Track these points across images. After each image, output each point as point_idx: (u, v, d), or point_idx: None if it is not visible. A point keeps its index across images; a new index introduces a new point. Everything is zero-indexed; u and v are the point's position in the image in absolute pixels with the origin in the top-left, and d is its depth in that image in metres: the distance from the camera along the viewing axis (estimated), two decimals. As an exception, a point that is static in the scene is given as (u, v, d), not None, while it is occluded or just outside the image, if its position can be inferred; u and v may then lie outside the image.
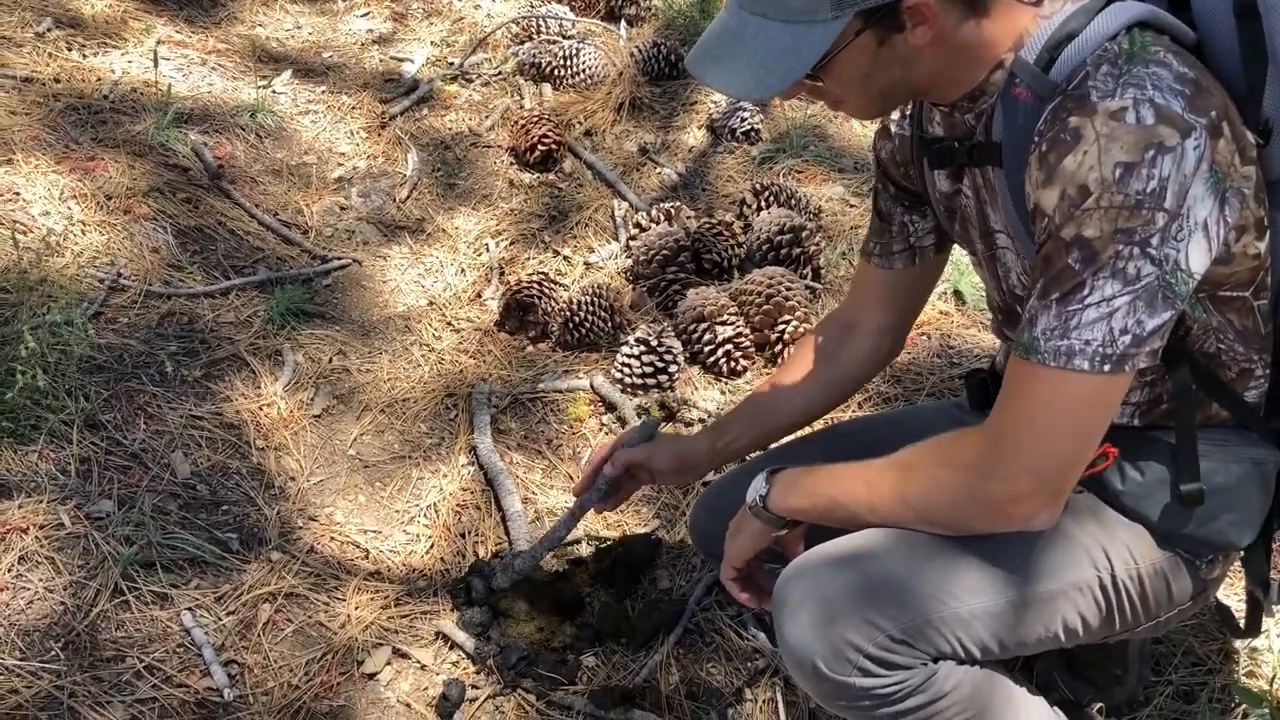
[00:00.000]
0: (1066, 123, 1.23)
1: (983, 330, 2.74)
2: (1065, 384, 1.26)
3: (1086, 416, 1.29)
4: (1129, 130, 1.20)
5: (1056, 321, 1.25)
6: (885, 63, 1.31)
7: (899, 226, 1.68)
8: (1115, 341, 1.23)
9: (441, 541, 2.24)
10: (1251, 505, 1.46)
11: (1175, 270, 1.23)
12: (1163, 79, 1.22)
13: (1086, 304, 1.23)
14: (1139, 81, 1.22)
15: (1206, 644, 1.98)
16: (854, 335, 1.78)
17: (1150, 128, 1.20)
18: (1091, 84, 1.24)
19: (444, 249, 3.10)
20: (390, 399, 2.58)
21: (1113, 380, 1.26)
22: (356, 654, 1.99)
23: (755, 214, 3.01)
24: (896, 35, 1.29)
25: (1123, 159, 1.19)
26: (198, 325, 2.64)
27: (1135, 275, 1.22)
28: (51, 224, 2.74)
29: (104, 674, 1.88)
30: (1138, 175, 1.19)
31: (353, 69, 3.80)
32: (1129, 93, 1.21)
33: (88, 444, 2.24)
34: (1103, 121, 1.21)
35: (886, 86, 1.35)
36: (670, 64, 3.68)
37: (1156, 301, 1.23)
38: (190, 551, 2.09)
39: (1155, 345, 1.26)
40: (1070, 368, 1.25)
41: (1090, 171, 1.21)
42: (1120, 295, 1.22)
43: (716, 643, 2.03)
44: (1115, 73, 1.23)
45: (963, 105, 1.39)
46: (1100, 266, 1.22)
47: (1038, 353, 1.26)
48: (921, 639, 1.41)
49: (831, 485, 1.48)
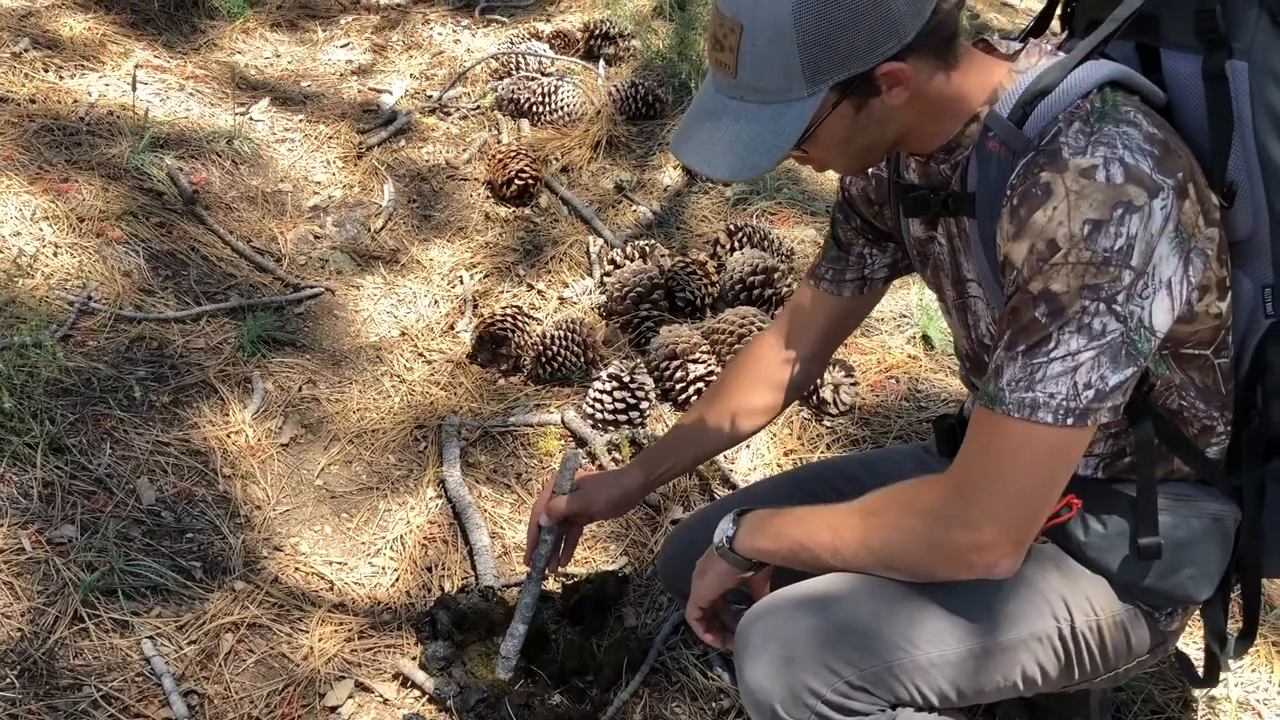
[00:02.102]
0: (1038, 178, 1.26)
1: (950, 375, 2.77)
2: (1029, 436, 1.27)
3: (1049, 468, 1.30)
4: (1098, 188, 1.22)
5: (1022, 373, 1.26)
6: (864, 125, 1.34)
7: (856, 257, 1.70)
8: (1079, 395, 1.25)
9: (407, 574, 2.23)
10: (1210, 560, 1.48)
11: (1139, 327, 1.25)
12: (1133, 139, 1.25)
13: (1052, 357, 1.25)
14: (1109, 140, 1.25)
15: (1166, 692, 2.00)
16: (784, 361, 1.79)
17: (1119, 186, 1.22)
18: (1063, 140, 1.26)
19: (418, 280, 3.10)
20: (359, 429, 2.57)
21: (1075, 434, 1.28)
22: (319, 686, 1.97)
23: (729, 254, 3.04)
24: (874, 100, 1.31)
25: (1092, 216, 1.22)
26: (167, 350, 2.63)
27: (1100, 331, 1.24)
28: (22, 245, 2.72)
29: (60, 703, 1.85)
30: (1106, 233, 1.21)
31: (331, 99, 3.81)
32: (1100, 151, 1.24)
33: (52, 468, 2.22)
34: (1073, 178, 1.23)
35: (866, 146, 1.38)
36: (647, 104, 3.72)
37: (1120, 357, 1.25)
38: (153, 579, 2.07)
39: (1118, 401, 1.28)
40: (1034, 420, 1.26)
41: (1060, 227, 1.23)
42: (1085, 350, 1.24)
43: (682, 682, 2.03)
44: (1087, 130, 1.26)
45: (938, 156, 1.41)
46: (1066, 321, 1.24)
47: (1002, 403, 1.28)
48: (880, 686, 1.42)
49: (797, 528, 1.49)
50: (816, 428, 2.60)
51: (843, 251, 1.71)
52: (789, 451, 2.54)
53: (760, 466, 2.51)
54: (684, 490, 2.44)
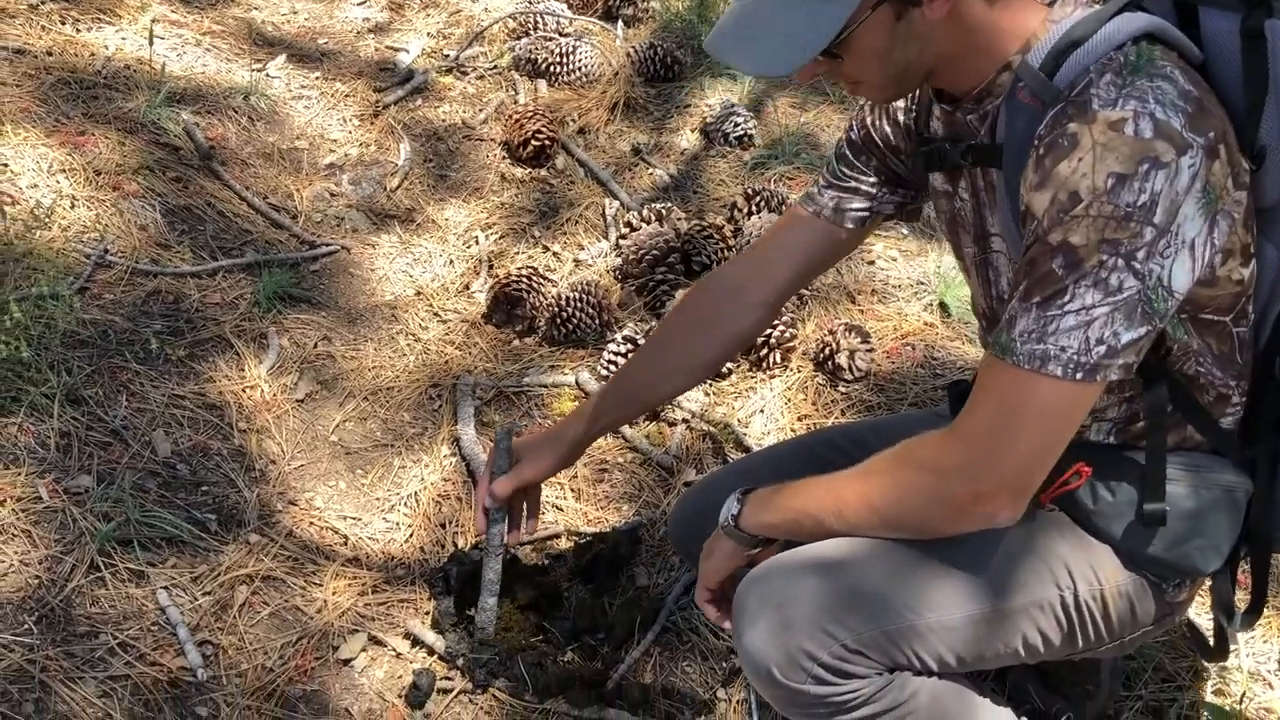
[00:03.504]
0: (1065, 128, 1.24)
1: (966, 343, 2.76)
2: (1036, 387, 1.27)
3: (1053, 422, 1.29)
4: (1125, 142, 1.21)
5: (1035, 325, 1.25)
6: (903, 39, 1.31)
7: (868, 186, 1.65)
8: (1090, 351, 1.24)
9: (421, 530, 2.24)
10: (1220, 532, 1.47)
11: (1157, 286, 1.24)
12: (1166, 94, 1.23)
13: (1066, 310, 1.24)
14: (1141, 94, 1.23)
15: (1177, 661, 2.00)
16: (738, 303, 1.74)
17: (1147, 141, 1.20)
18: (1094, 91, 1.24)
19: (433, 240, 3.09)
20: (374, 387, 2.57)
21: (1083, 389, 1.27)
22: (332, 639, 1.99)
23: (746, 218, 3.02)
24: (914, 9, 1.29)
25: (1116, 169, 1.20)
26: (183, 305, 2.63)
27: (1117, 287, 1.22)
28: (39, 197, 2.72)
29: (77, 649, 1.86)
30: (1129, 187, 1.20)
31: (348, 56, 3.79)
32: (1130, 104, 1.22)
33: (68, 418, 2.23)
34: (1101, 130, 1.22)
35: (903, 66, 1.35)
36: (666, 66, 3.69)
37: (1135, 315, 1.24)
38: (168, 530, 2.08)
39: (1129, 359, 1.27)
40: (1043, 372, 1.25)
41: (1083, 179, 1.21)
42: (1099, 305, 1.23)
43: (693, 642, 2.04)
44: (1118, 83, 1.24)
45: (967, 105, 1.40)
46: (1083, 274, 1.22)
47: (1013, 354, 1.27)
48: (877, 650, 1.42)
49: (800, 497, 1.49)
50: (831, 393, 2.59)
51: (851, 178, 1.65)
52: (803, 416, 2.54)
53: (774, 431, 2.51)
54: (697, 453, 2.44)
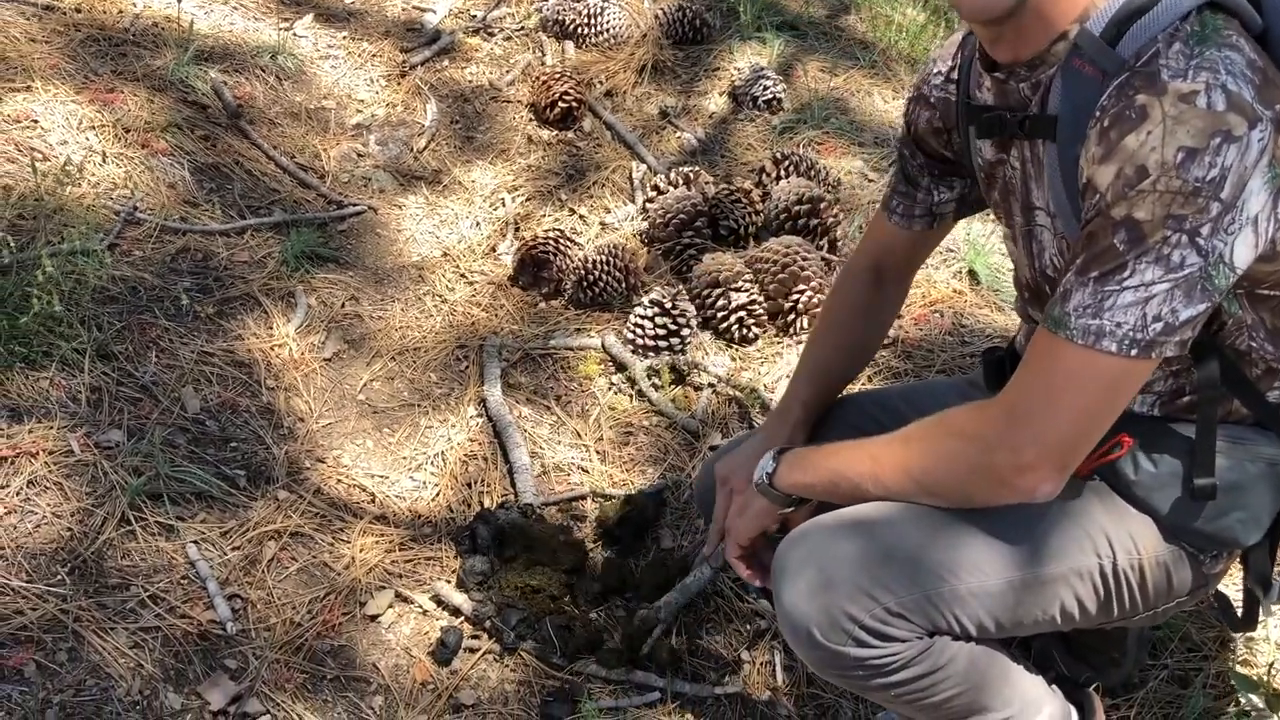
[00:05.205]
0: (1133, 100, 1.21)
1: (995, 311, 2.74)
2: (1089, 362, 1.25)
3: (1104, 398, 1.28)
4: (1198, 114, 1.17)
5: (1091, 300, 1.24)
6: None
7: (924, 192, 1.68)
8: (1147, 328, 1.22)
9: (448, 489, 2.25)
10: (1262, 504, 1.45)
11: (1219, 263, 1.21)
12: (1235, 64, 1.19)
13: (1124, 286, 1.22)
14: (1212, 65, 1.19)
15: (1204, 631, 2.00)
16: (882, 282, 1.77)
17: (1220, 114, 1.17)
18: (1162, 62, 1.21)
19: (460, 201, 3.09)
20: (401, 347, 2.58)
21: (1137, 365, 1.25)
22: (359, 595, 2.00)
23: (774, 183, 3.00)
24: None
25: (1188, 143, 1.17)
26: (212, 263, 2.64)
27: (1179, 263, 1.20)
28: (70, 153, 2.72)
29: (108, 600, 1.88)
30: (1200, 162, 1.17)
31: (375, 16, 3.77)
32: (1202, 75, 1.19)
33: (99, 373, 2.24)
34: (1172, 102, 1.18)
35: None
36: (694, 29, 3.66)
37: (1195, 292, 1.22)
38: (198, 485, 2.10)
39: (1186, 336, 1.25)
40: (1098, 348, 1.24)
41: (1152, 152, 1.18)
42: (1160, 282, 1.21)
43: (717, 604, 2.04)
44: (1188, 53, 1.20)
45: (1020, 73, 1.37)
46: (1145, 250, 1.20)
47: (1066, 328, 1.25)
48: (919, 613, 1.41)
49: (836, 459, 1.48)
50: (858, 359, 2.58)
51: (910, 186, 1.68)
52: (829, 382, 2.53)
53: (800, 396, 2.50)
54: (723, 417, 2.44)
